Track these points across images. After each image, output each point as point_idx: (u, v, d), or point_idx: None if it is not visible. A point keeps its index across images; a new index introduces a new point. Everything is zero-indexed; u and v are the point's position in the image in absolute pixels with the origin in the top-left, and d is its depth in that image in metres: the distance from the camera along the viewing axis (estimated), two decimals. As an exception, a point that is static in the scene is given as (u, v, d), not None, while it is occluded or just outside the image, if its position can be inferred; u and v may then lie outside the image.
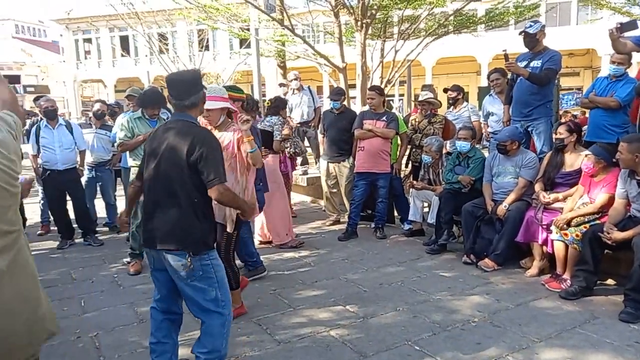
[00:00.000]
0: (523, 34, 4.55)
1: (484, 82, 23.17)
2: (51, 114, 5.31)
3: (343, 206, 6.25)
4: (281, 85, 9.26)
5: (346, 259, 4.83)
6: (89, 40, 29.83)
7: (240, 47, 25.94)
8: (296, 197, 7.59)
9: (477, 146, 5.17)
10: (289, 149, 5.84)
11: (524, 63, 4.61)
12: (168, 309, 2.63)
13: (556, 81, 5.72)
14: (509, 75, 4.97)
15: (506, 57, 4.59)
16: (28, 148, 5.49)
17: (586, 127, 4.96)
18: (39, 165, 5.47)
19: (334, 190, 6.11)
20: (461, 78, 23.75)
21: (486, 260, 4.35)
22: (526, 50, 4.69)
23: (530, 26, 4.56)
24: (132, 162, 4.69)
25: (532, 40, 4.57)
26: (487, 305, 3.65)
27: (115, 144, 4.77)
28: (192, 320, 2.78)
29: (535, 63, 4.54)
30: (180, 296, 2.59)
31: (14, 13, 34.71)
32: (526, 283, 4.06)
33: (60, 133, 5.33)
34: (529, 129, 4.66)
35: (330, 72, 10.74)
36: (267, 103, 5.34)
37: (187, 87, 2.51)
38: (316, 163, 8.17)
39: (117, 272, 4.59)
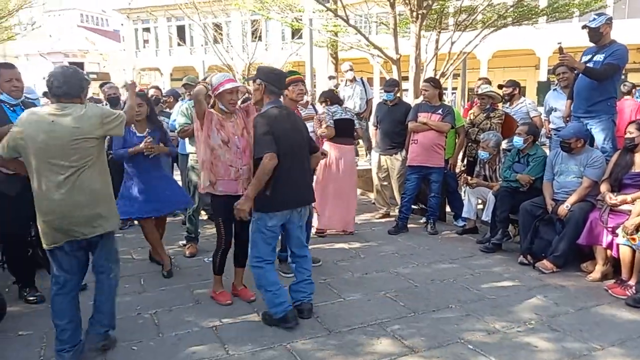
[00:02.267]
0: (586, 28, 4.34)
1: (542, 77, 22.28)
2: (114, 101, 5.57)
3: (393, 200, 6.19)
4: (331, 77, 9.23)
5: (396, 253, 4.79)
6: (147, 30, 30.92)
7: (292, 37, 26.13)
8: (345, 189, 7.57)
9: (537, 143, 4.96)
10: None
11: (588, 57, 4.40)
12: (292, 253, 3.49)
13: (622, 77, 5.42)
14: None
15: (561, 49, 4.40)
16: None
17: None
18: (102, 150, 5.73)
19: (385, 183, 6.06)
20: (518, 72, 22.89)
21: (544, 261, 4.20)
22: (592, 44, 4.47)
23: (593, 19, 4.33)
24: (190, 149, 4.83)
25: (596, 34, 4.35)
26: (545, 307, 3.52)
27: (176, 131, 4.92)
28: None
29: (598, 57, 4.33)
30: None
31: (79, 3, 36.38)
32: (587, 287, 3.88)
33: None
34: (588, 126, 4.43)
35: (381, 63, 10.60)
36: (336, 92, 5.36)
37: (284, 80, 3.41)
38: (366, 155, 8.13)
39: (173, 254, 4.75)
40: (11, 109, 3.45)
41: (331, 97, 5.30)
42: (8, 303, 3.41)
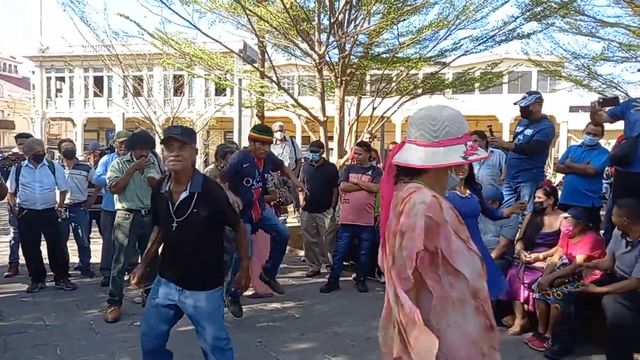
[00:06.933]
0: (517, 105, 4.84)
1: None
2: (39, 158, 5.23)
3: (323, 257, 6.26)
4: None
5: (330, 312, 4.80)
6: (61, 79, 29.54)
7: (216, 94, 26.32)
8: (274, 247, 7.52)
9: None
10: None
11: (521, 129, 4.90)
12: None
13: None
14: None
15: (491, 131, 4.88)
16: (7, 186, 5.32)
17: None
18: (15, 204, 5.30)
19: (315, 240, 6.14)
20: (430, 136, 24.69)
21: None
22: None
23: (524, 99, 4.83)
24: (118, 205, 4.57)
25: (526, 111, 4.83)
26: None
27: (107, 185, 4.63)
28: None
29: (528, 131, 4.82)
30: None
31: (-15, 47, 34.16)
32: (510, 341, 4.11)
33: (42, 173, 5.21)
34: (517, 190, 4.90)
35: (304, 122, 11.03)
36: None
37: None
38: (295, 212, 8.22)
39: (93, 319, 4.39)
40: None
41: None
42: None
